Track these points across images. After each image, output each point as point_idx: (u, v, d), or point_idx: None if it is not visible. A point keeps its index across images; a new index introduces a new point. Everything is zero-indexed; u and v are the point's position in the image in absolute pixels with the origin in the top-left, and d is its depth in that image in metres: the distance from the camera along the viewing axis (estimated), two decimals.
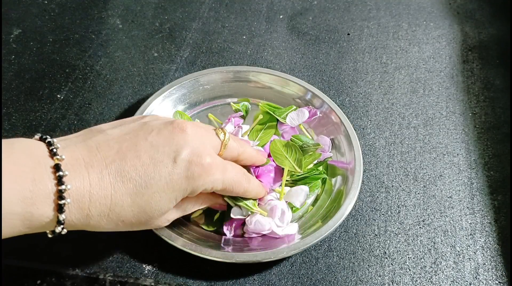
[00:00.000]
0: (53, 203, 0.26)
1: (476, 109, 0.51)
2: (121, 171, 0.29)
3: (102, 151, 0.29)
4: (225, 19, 0.60)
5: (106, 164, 0.29)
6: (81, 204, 0.28)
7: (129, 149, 0.30)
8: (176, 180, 0.30)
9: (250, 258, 0.35)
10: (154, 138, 0.30)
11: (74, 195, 0.27)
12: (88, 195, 0.28)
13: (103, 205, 0.28)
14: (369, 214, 0.42)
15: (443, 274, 0.38)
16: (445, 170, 0.46)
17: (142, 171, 0.29)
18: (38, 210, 0.26)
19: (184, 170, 0.30)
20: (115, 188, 0.28)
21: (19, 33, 0.56)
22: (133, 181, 0.29)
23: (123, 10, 0.60)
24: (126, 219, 0.30)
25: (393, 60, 0.56)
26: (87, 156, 0.29)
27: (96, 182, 0.28)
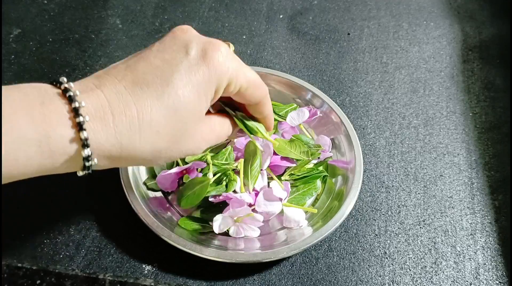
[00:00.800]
0: (70, 121, 0.24)
1: (477, 109, 0.51)
2: (137, 80, 0.26)
3: (110, 73, 0.27)
4: (225, 19, 0.60)
5: (119, 79, 0.26)
6: (104, 121, 0.25)
7: (137, 61, 0.27)
8: (196, 70, 0.27)
9: (250, 258, 0.35)
10: (158, 46, 0.28)
11: (92, 112, 0.24)
12: (109, 110, 0.25)
13: (129, 116, 0.25)
14: (370, 214, 0.42)
15: (444, 274, 0.38)
16: (446, 170, 0.45)
17: (159, 73, 0.27)
18: (55, 131, 0.23)
19: (201, 58, 0.28)
20: (137, 96, 0.26)
21: (18, 33, 0.56)
22: (153, 85, 0.26)
23: (123, 9, 0.60)
24: (160, 127, 0.26)
25: (394, 60, 0.56)
26: (96, 80, 0.26)
27: (113, 97, 0.25)
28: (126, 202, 0.38)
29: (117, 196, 0.40)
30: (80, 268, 0.37)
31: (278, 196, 0.38)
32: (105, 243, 0.38)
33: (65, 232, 0.39)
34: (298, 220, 0.38)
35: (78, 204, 0.41)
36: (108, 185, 0.42)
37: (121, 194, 0.38)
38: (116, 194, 0.40)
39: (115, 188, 0.40)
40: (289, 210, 0.39)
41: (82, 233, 0.39)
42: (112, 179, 0.41)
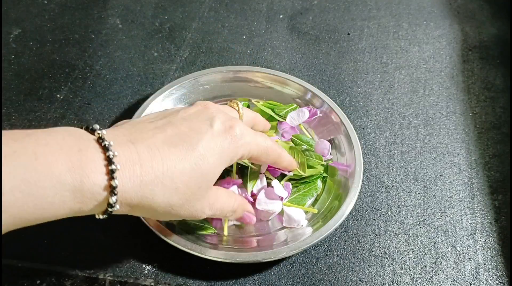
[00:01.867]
0: (104, 168, 0.26)
1: (477, 109, 0.51)
2: (166, 140, 0.29)
3: (140, 129, 0.30)
4: (225, 19, 0.60)
5: (149, 137, 0.29)
6: (132, 170, 0.27)
7: (165, 124, 0.31)
8: (219, 141, 0.31)
9: (250, 258, 0.35)
10: (184, 115, 0.32)
11: (123, 162, 0.26)
12: (138, 161, 0.27)
13: (155, 169, 0.28)
14: (369, 214, 0.42)
15: (444, 274, 0.38)
16: (446, 170, 0.45)
17: (186, 137, 0.30)
18: (89, 178, 0.25)
19: (223, 132, 0.32)
20: (164, 153, 0.28)
21: (19, 33, 0.56)
22: (179, 147, 0.29)
23: (123, 10, 0.60)
24: (180, 185, 0.29)
25: (393, 60, 0.56)
26: (127, 133, 0.29)
27: (143, 150, 0.28)
28: None
29: None
30: (80, 268, 0.37)
31: (279, 195, 0.38)
32: (105, 243, 0.38)
33: (65, 232, 0.39)
34: (299, 220, 0.38)
35: None
36: None
37: None
38: None
39: None
40: (289, 210, 0.39)
41: (82, 233, 0.39)
42: None
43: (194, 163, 0.29)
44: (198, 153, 0.30)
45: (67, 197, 0.24)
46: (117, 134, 0.28)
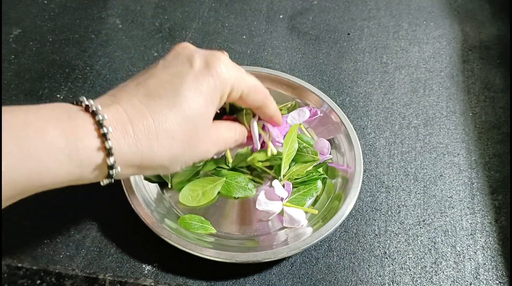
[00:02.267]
0: (96, 132, 0.26)
1: (477, 109, 0.51)
2: (149, 93, 0.29)
3: (122, 90, 0.29)
4: (225, 19, 0.60)
5: (132, 95, 0.29)
6: (124, 130, 0.27)
7: (146, 78, 0.30)
8: (202, 80, 0.30)
9: (250, 258, 0.35)
10: (163, 63, 0.31)
11: (114, 124, 0.27)
12: (128, 121, 0.27)
13: (146, 125, 0.28)
14: (369, 214, 0.42)
15: (444, 274, 0.38)
16: (446, 170, 0.45)
17: (168, 85, 0.29)
18: (83, 142, 0.25)
19: (205, 69, 0.30)
20: (151, 107, 0.28)
21: (18, 33, 0.56)
22: (164, 97, 0.29)
23: (123, 10, 0.60)
24: (175, 133, 0.29)
25: (394, 60, 0.56)
26: (111, 97, 0.29)
27: (129, 108, 0.28)
28: (126, 202, 0.38)
29: (117, 196, 0.40)
30: (80, 268, 0.37)
31: (279, 196, 0.38)
32: (105, 243, 0.38)
33: (65, 232, 0.39)
34: (299, 220, 0.38)
35: (78, 204, 0.41)
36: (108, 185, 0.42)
37: (121, 194, 0.38)
38: (116, 194, 0.40)
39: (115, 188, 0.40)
40: (289, 210, 0.39)
41: (82, 233, 0.39)
42: None
43: (183, 109, 0.29)
44: (184, 97, 0.29)
45: (64, 161, 0.25)
46: (103, 99, 0.28)
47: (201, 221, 0.39)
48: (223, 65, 0.31)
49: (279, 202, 0.39)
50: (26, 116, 0.24)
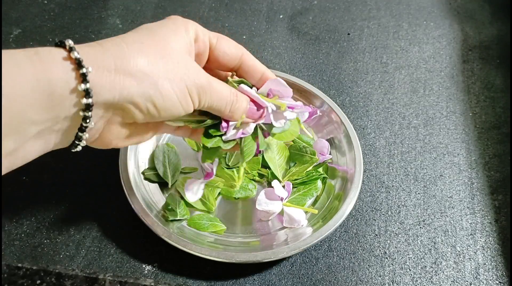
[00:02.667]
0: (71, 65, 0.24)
1: (476, 109, 0.51)
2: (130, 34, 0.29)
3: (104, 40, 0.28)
4: (225, 18, 0.60)
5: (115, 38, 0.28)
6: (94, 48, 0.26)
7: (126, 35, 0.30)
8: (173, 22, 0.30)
9: (250, 258, 0.35)
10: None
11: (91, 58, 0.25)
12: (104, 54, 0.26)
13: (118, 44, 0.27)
14: (369, 214, 0.42)
15: (444, 274, 0.38)
16: (446, 170, 0.45)
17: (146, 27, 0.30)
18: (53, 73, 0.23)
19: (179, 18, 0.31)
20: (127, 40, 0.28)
21: (19, 33, 0.56)
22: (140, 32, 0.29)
23: (123, 10, 0.60)
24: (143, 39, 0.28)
25: (394, 60, 0.56)
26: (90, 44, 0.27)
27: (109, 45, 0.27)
28: (126, 202, 0.38)
29: (117, 196, 0.40)
30: (80, 268, 0.37)
31: (279, 196, 0.38)
32: (105, 243, 0.38)
33: (65, 232, 0.39)
34: (299, 220, 0.38)
35: (78, 204, 0.41)
36: (108, 185, 0.42)
37: (121, 194, 0.38)
38: (116, 194, 0.40)
39: (115, 188, 0.40)
40: (289, 210, 0.39)
41: (82, 233, 0.39)
42: (112, 179, 0.41)
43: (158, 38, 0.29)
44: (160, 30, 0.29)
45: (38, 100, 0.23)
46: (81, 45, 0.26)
47: (210, 219, 0.39)
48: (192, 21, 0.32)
49: (279, 202, 0.39)
50: None
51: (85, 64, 0.24)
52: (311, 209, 0.39)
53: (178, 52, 0.29)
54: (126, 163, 0.40)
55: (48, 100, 0.24)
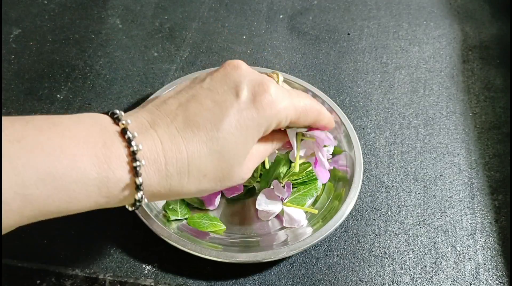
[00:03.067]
0: (128, 165, 0.25)
1: (477, 109, 0.51)
2: (188, 121, 0.27)
3: (163, 110, 0.28)
4: (225, 18, 0.60)
5: (171, 119, 0.27)
6: (157, 164, 0.26)
7: (188, 100, 0.28)
8: (246, 115, 0.28)
9: (250, 258, 0.35)
10: (209, 84, 0.29)
11: (148, 156, 0.26)
12: (162, 153, 0.26)
13: (180, 160, 0.27)
14: (369, 214, 0.42)
15: (444, 274, 0.38)
16: (446, 170, 0.45)
17: (209, 116, 0.28)
18: (114, 174, 0.25)
19: (251, 102, 0.29)
20: (187, 139, 0.27)
21: (19, 33, 0.56)
22: (203, 128, 0.27)
23: (123, 10, 0.60)
24: (207, 171, 0.28)
25: (394, 60, 0.56)
26: (150, 117, 0.28)
27: (166, 138, 0.27)
28: None
29: None
30: (80, 268, 0.37)
31: (279, 196, 0.38)
32: (105, 243, 0.38)
33: (65, 232, 0.39)
34: (299, 220, 0.38)
35: None
36: None
37: None
38: None
39: None
40: (289, 210, 0.39)
41: (82, 233, 0.39)
42: None
43: (220, 146, 0.28)
44: (223, 134, 0.28)
45: (93, 191, 0.24)
46: (141, 121, 0.27)
47: (210, 219, 0.39)
48: (271, 97, 0.29)
49: (279, 202, 0.39)
50: (61, 139, 0.23)
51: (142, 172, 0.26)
52: (311, 209, 0.39)
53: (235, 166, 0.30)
54: None
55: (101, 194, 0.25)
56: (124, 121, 0.26)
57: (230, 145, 0.28)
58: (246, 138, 0.29)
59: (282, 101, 0.30)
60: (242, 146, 0.29)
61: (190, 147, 0.27)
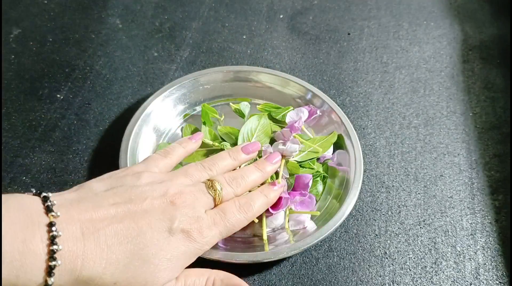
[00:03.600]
0: (44, 264, 0.25)
1: (477, 109, 0.51)
2: (119, 233, 0.28)
3: (99, 212, 0.29)
4: (225, 18, 0.60)
5: (104, 225, 0.28)
6: (72, 265, 0.26)
7: (125, 214, 0.29)
8: (174, 245, 0.30)
9: (250, 258, 0.35)
10: (147, 206, 0.31)
11: (66, 256, 0.26)
12: (81, 257, 0.26)
13: (97, 266, 0.27)
14: (370, 214, 0.42)
15: (444, 274, 0.38)
16: (446, 170, 0.45)
17: (141, 234, 0.29)
18: (26, 274, 0.25)
19: (181, 237, 0.31)
20: (112, 248, 0.28)
21: (18, 33, 0.56)
22: (131, 243, 0.28)
23: (123, 9, 0.60)
24: (119, 282, 0.28)
25: (394, 60, 0.56)
26: (83, 216, 0.28)
27: (91, 242, 0.27)
28: None
29: None
30: None
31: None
32: None
33: None
34: (304, 220, 0.38)
35: None
36: None
37: None
38: None
39: None
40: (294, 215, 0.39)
41: None
42: None
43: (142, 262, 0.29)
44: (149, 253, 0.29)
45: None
46: (72, 217, 0.27)
47: None
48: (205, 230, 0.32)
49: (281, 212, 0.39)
50: None
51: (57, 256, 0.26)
52: (314, 212, 0.39)
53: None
54: (126, 163, 0.40)
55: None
56: (54, 213, 0.26)
57: (153, 265, 0.29)
58: (171, 263, 0.30)
59: (210, 231, 0.32)
60: (165, 271, 0.30)
61: (111, 256, 0.27)
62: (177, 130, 0.46)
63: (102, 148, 0.45)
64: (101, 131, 0.47)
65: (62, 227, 0.26)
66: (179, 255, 0.30)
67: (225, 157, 0.38)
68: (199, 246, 0.32)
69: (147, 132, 0.44)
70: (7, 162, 0.43)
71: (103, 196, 0.30)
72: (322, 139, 0.44)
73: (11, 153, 0.44)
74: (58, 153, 0.44)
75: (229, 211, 0.34)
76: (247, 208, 0.35)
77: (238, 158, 0.39)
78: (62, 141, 0.45)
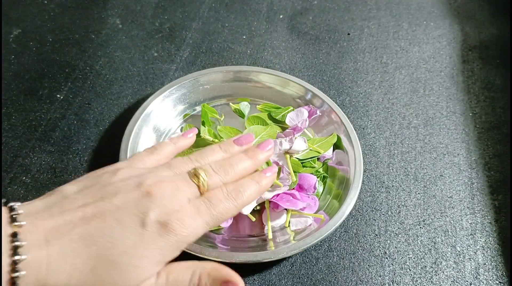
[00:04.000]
0: (7, 275, 0.24)
1: (477, 109, 0.51)
2: (85, 235, 0.26)
3: (65, 216, 0.27)
4: (225, 19, 0.60)
5: (69, 229, 0.26)
6: (37, 275, 0.25)
7: (94, 214, 0.27)
8: (149, 240, 0.27)
9: (250, 258, 0.35)
10: (119, 201, 0.28)
11: (30, 265, 0.25)
12: (45, 264, 0.25)
13: (62, 272, 0.25)
14: (370, 214, 0.42)
15: (444, 274, 0.38)
16: (446, 170, 0.45)
17: (108, 233, 0.27)
18: None
19: (158, 230, 0.28)
20: (77, 253, 0.26)
21: (18, 33, 0.56)
22: (97, 244, 0.26)
23: (123, 10, 0.60)
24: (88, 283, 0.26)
25: (394, 60, 0.56)
26: (48, 222, 0.26)
27: (55, 249, 0.25)
28: None
29: None
30: None
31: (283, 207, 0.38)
32: None
33: None
34: (306, 219, 0.38)
35: None
36: None
37: None
38: None
39: None
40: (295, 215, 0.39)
41: None
42: None
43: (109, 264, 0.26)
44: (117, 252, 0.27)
45: None
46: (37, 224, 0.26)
47: None
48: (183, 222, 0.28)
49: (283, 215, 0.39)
50: None
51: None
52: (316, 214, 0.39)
53: None
54: None
55: None
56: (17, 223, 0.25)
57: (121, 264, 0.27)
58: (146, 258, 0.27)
59: (192, 222, 0.29)
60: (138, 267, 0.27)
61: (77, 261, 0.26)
62: (177, 130, 0.46)
63: (102, 148, 0.45)
64: (101, 131, 0.47)
65: (26, 237, 0.25)
66: (156, 250, 0.27)
67: (215, 149, 0.35)
68: (181, 238, 0.28)
69: (147, 132, 0.44)
70: (7, 162, 0.43)
71: (73, 199, 0.28)
72: (322, 140, 0.44)
73: (11, 153, 0.44)
74: (58, 153, 0.44)
75: (215, 199, 0.31)
76: (236, 195, 0.31)
77: (229, 150, 0.35)
78: (62, 141, 0.45)
